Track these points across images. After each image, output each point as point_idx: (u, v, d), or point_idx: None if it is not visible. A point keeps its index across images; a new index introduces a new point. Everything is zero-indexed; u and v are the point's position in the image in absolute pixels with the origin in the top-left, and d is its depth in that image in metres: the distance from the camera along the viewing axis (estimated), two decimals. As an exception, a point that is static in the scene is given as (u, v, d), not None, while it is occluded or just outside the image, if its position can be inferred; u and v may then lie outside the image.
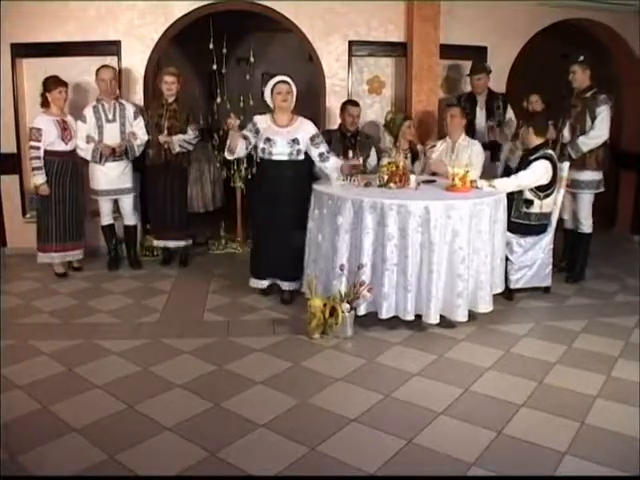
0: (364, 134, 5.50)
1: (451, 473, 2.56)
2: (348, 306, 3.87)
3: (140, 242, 5.75)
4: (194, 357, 3.63)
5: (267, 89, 4.37)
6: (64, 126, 4.99)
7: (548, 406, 3.07)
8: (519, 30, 6.23)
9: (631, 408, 3.05)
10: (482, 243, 4.03)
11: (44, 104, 4.96)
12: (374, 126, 6.06)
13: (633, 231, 6.66)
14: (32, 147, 4.90)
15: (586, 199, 5.04)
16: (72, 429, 2.81)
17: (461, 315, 3.97)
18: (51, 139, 4.90)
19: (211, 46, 5.64)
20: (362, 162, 4.59)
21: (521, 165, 4.59)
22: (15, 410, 2.96)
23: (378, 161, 5.22)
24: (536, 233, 4.66)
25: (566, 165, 4.74)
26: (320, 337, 3.90)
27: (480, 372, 3.46)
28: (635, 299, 4.70)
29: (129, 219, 5.44)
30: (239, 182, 6.01)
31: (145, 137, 5.26)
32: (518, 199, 4.55)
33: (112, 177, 5.22)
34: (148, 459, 2.61)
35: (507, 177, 4.58)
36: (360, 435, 2.82)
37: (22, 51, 5.53)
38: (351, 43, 5.95)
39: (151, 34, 5.69)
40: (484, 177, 4.60)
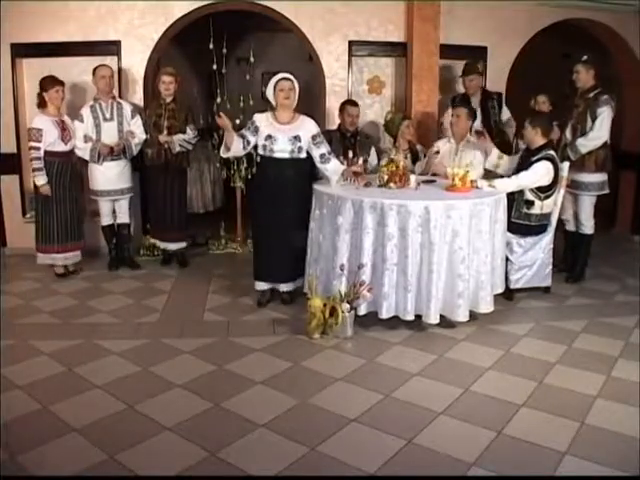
0: (364, 134, 5.50)
1: (451, 473, 2.56)
2: (348, 306, 3.87)
3: (140, 242, 5.75)
4: (194, 357, 3.63)
5: (269, 86, 4.31)
6: (63, 126, 4.97)
7: (548, 406, 3.07)
8: (519, 30, 6.23)
9: (631, 408, 3.05)
10: (482, 243, 4.03)
11: (41, 104, 4.93)
12: (374, 126, 6.06)
13: (633, 231, 6.66)
14: (32, 148, 4.87)
15: (587, 201, 5.02)
16: (72, 429, 2.81)
17: (462, 315, 3.97)
18: (51, 139, 4.88)
19: (211, 46, 5.64)
20: (364, 166, 4.52)
21: (522, 165, 4.58)
22: (15, 410, 2.96)
23: (378, 161, 5.22)
24: (536, 233, 4.66)
25: (566, 165, 4.73)
26: (320, 337, 3.89)
27: (480, 372, 3.46)
28: (635, 299, 4.70)
29: (124, 217, 5.42)
30: (239, 182, 6.01)
31: (143, 136, 5.25)
32: (519, 200, 4.55)
33: (111, 177, 5.21)
34: (148, 459, 2.61)
35: (507, 177, 4.58)
36: (360, 435, 2.82)
37: (22, 51, 5.54)
38: (351, 43, 5.96)
39: (151, 34, 5.70)
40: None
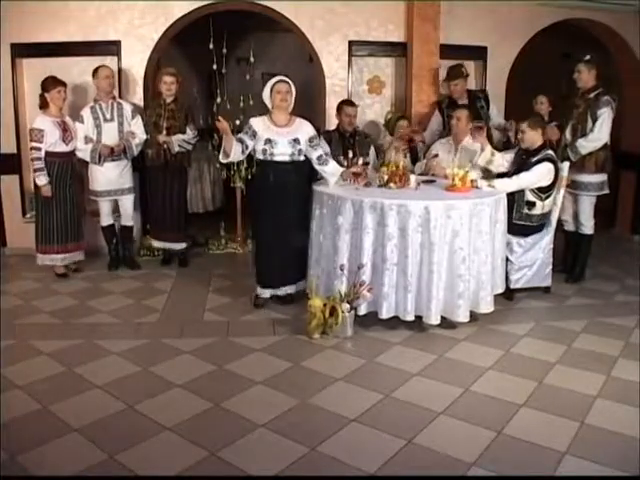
0: (363, 134, 5.49)
1: (451, 473, 2.56)
2: (348, 306, 3.87)
3: (140, 242, 5.75)
4: (194, 357, 3.63)
5: (266, 89, 4.32)
6: (64, 127, 4.98)
7: (548, 406, 3.07)
8: (519, 30, 6.23)
9: (631, 408, 3.05)
10: (482, 243, 4.02)
11: (43, 105, 4.94)
12: (374, 126, 6.06)
13: (633, 231, 6.66)
14: (33, 148, 4.88)
15: (587, 201, 5.02)
16: (72, 429, 2.81)
17: (462, 316, 3.97)
18: (52, 140, 4.89)
19: (211, 46, 5.64)
20: (364, 168, 4.52)
21: (522, 165, 4.57)
22: (15, 410, 2.96)
23: (377, 160, 5.24)
24: (537, 232, 4.67)
25: (566, 165, 4.73)
26: (320, 337, 3.89)
27: (480, 372, 3.46)
28: (635, 299, 4.70)
29: (127, 220, 5.43)
30: (239, 182, 6.02)
31: (144, 136, 5.25)
32: (519, 201, 4.53)
33: (111, 177, 5.21)
34: (148, 459, 2.61)
35: (507, 177, 4.58)
36: (360, 435, 2.82)
37: (22, 51, 5.53)
38: (351, 43, 5.96)
39: (151, 34, 5.69)
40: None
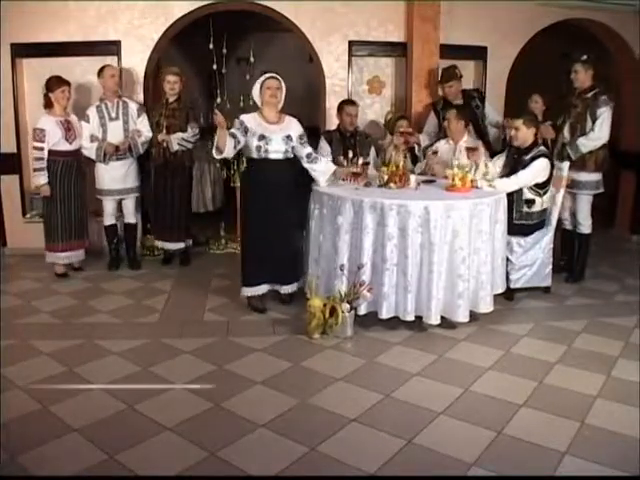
0: (363, 134, 5.49)
1: (451, 473, 2.56)
2: (348, 306, 3.87)
3: (141, 242, 5.76)
4: (194, 357, 3.63)
5: (256, 85, 4.26)
6: (68, 126, 4.99)
7: (548, 406, 3.07)
8: (519, 30, 6.23)
9: (631, 408, 3.05)
10: (482, 243, 4.02)
11: (47, 105, 4.96)
12: (374, 126, 6.06)
13: (632, 231, 6.66)
14: (35, 148, 4.93)
15: (585, 199, 5.04)
16: (72, 429, 2.80)
17: (462, 316, 3.97)
18: (55, 139, 4.92)
19: (211, 46, 5.64)
20: (364, 168, 4.51)
21: (517, 164, 4.57)
22: (15, 410, 2.96)
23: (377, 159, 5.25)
24: (538, 229, 4.68)
25: (566, 165, 4.74)
26: (320, 337, 3.89)
27: (480, 372, 3.46)
28: (635, 299, 4.70)
29: (130, 217, 5.45)
30: (239, 182, 6.00)
31: (149, 134, 5.28)
32: (518, 201, 4.53)
33: (116, 176, 5.23)
34: (148, 459, 2.61)
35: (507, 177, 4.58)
36: (360, 435, 2.82)
37: (22, 51, 5.54)
38: (351, 43, 5.95)
39: (151, 34, 5.69)
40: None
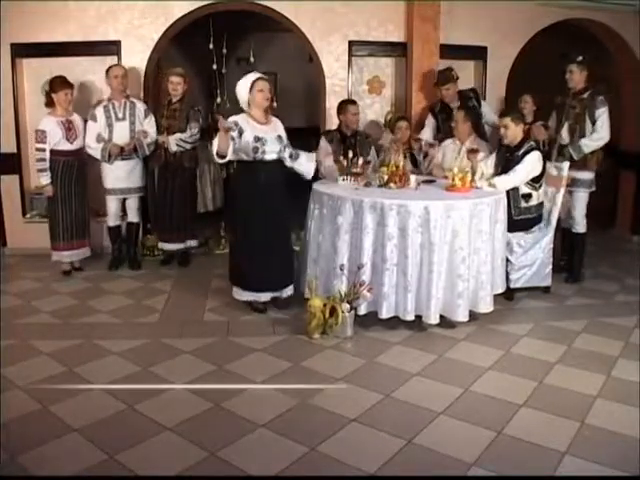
0: (364, 134, 5.50)
1: (451, 473, 2.56)
2: (348, 306, 3.87)
3: (141, 242, 5.76)
4: (194, 357, 3.63)
5: (243, 85, 4.09)
6: (69, 126, 5.01)
7: (548, 406, 3.07)
8: (519, 30, 6.23)
9: (631, 408, 3.05)
10: (482, 243, 4.02)
11: (49, 103, 4.98)
12: (374, 126, 6.06)
13: (633, 231, 6.66)
14: (37, 149, 4.96)
15: (582, 197, 5.07)
16: (72, 429, 2.81)
17: (462, 315, 3.97)
18: (56, 139, 4.95)
19: (211, 46, 5.64)
20: (363, 168, 4.51)
21: (510, 162, 4.56)
22: (15, 410, 2.96)
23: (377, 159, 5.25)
24: (537, 223, 4.71)
25: (566, 165, 4.74)
26: (320, 337, 3.89)
27: (480, 372, 3.46)
28: (635, 299, 4.70)
29: (133, 216, 5.46)
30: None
31: (156, 135, 5.29)
32: (515, 197, 4.55)
33: (120, 175, 5.24)
34: (148, 459, 2.61)
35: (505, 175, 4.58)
36: (360, 435, 2.82)
37: (22, 51, 5.54)
38: (351, 43, 5.96)
39: (151, 34, 5.70)
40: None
